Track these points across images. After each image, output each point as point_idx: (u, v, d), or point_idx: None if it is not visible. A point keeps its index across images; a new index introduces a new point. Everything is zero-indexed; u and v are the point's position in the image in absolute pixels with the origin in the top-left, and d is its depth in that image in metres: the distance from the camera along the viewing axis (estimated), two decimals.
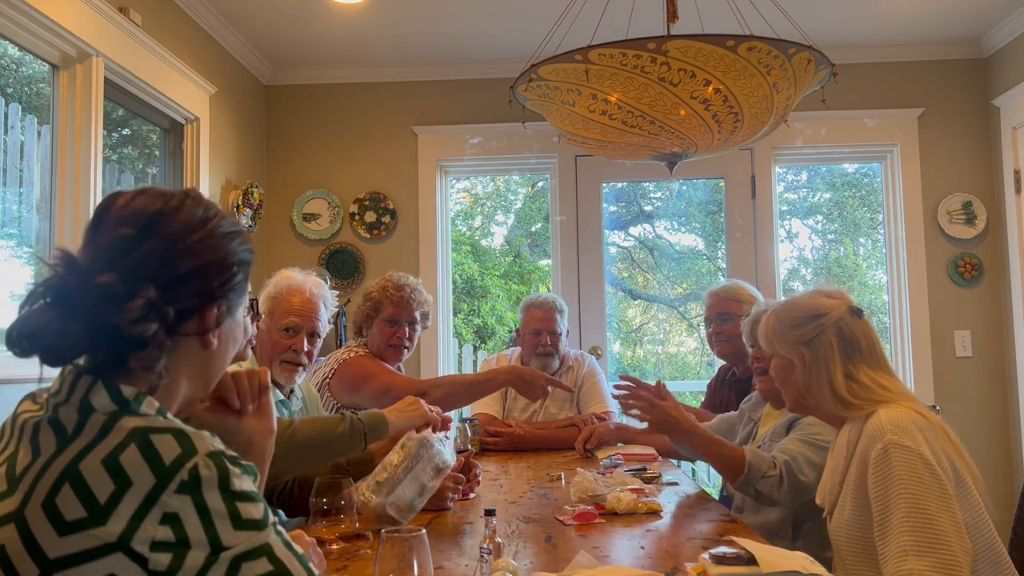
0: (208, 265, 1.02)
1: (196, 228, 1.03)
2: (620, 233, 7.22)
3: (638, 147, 2.64)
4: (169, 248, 1.00)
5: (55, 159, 2.85)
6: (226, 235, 1.06)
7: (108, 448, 0.89)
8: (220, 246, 1.04)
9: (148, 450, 0.89)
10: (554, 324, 3.37)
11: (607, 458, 2.75)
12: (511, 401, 3.40)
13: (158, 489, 0.87)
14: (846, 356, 1.72)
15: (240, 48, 4.11)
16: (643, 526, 1.92)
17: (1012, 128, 4.08)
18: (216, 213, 1.07)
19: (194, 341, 1.03)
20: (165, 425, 0.93)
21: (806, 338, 1.75)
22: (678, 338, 7.87)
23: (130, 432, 0.91)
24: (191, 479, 0.88)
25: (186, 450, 0.90)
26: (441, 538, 1.82)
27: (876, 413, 1.63)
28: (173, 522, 0.87)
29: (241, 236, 1.09)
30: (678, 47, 2.31)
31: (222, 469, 0.91)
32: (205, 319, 1.03)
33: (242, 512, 0.90)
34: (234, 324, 1.10)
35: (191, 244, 1.01)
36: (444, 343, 4.50)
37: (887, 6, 3.85)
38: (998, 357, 4.24)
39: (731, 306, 2.95)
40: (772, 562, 1.40)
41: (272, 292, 2.27)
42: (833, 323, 1.74)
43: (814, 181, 7.16)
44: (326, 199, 4.47)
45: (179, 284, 1.00)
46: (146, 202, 1.02)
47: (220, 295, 1.04)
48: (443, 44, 4.22)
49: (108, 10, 2.95)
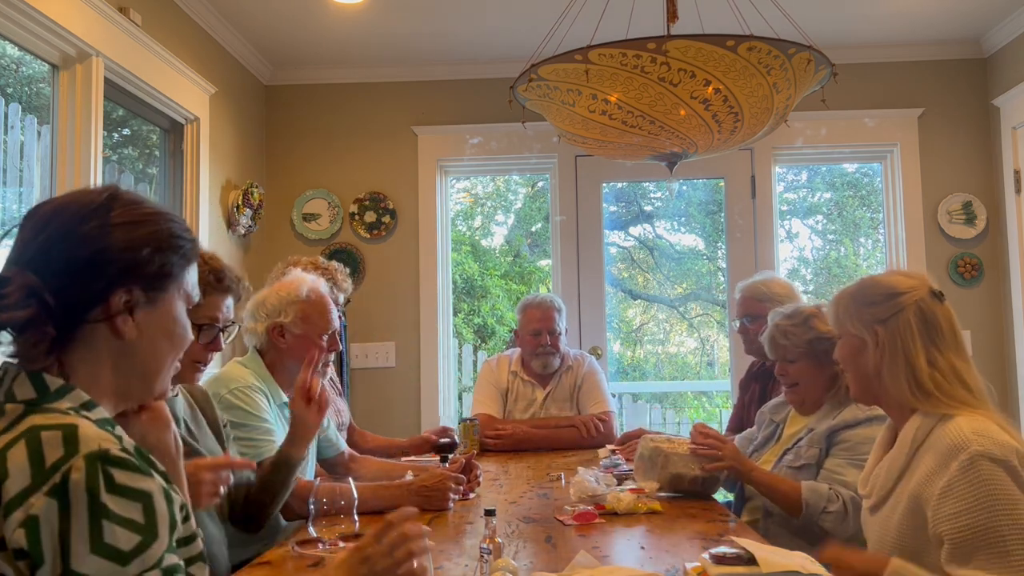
0: (104, 250, 1.01)
1: (92, 216, 1.02)
2: (620, 233, 7.23)
3: (638, 147, 2.63)
4: (61, 237, 1.01)
5: (55, 159, 2.84)
6: (134, 223, 1.04)
7: (3, 444, 0.90)
8: (121, 233, 1.03)
9: (34, 449, 0.89)
10: (553, 323, 3.37)
11: (607, 458, 2.75)
12: (511, 403, 3.40)
13: (29, 490, 0.86)
14: (928, 339, 1.59)
15: (240, 48, 4.11)
16: (643, 526, 1.92)
17: (1012, 128, 4.08)
18: (126, 203, 1.05)
19: (106, 330, 1.02)
20: (63, 421, 0.92)
21: (882, 316, 1.62)
22: (678, 338, 7.87)
23: (27, 429, 0.91)
24: (62, 482, 0.87)
25: (68, 452, 0.88)
26: (441, 538, 1.82)
27: (954, 419, 1.51)
28: (31, 528, 0.85)
29: (161, 224, 1.07)
30: (678, 47, 2.31)
31: (92, 477, 0.87)
32: (109, 305, 1.02)
33: (105, 533, 0.86)
34: (162, 316, 1.07)
35: (85, 231, 1.01)
36: (444, 343, 4.50)
37: (887, 6, 3.85)
38: (998, 357, 4.24)
39: (755, 306, 2.91)
40: (772, 562, 1.41)
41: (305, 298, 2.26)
42: (914, 303, 1.62)
43: (814, 181, 7.16)
44: (326, 199, 4.47)
45: (72, 271, 1.00)
46: (57, 201, 1.05)
47: (125, 282, 1.02)
48: (443, 44, 4.22)
49: (108, 10, 2.95)
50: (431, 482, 2.13)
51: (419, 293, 4.43)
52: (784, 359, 2.30)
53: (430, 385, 4.41)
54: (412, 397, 4.37)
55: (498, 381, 3.43)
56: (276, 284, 2.34)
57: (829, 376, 2.23)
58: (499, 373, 3.45)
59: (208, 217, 3.79)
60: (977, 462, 1.42)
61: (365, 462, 2.57)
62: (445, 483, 2.12)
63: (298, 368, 2.19)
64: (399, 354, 4.40)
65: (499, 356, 3.56)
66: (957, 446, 1.45)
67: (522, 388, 3.40)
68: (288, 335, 2.23)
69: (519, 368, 3.43)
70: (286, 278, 2.37)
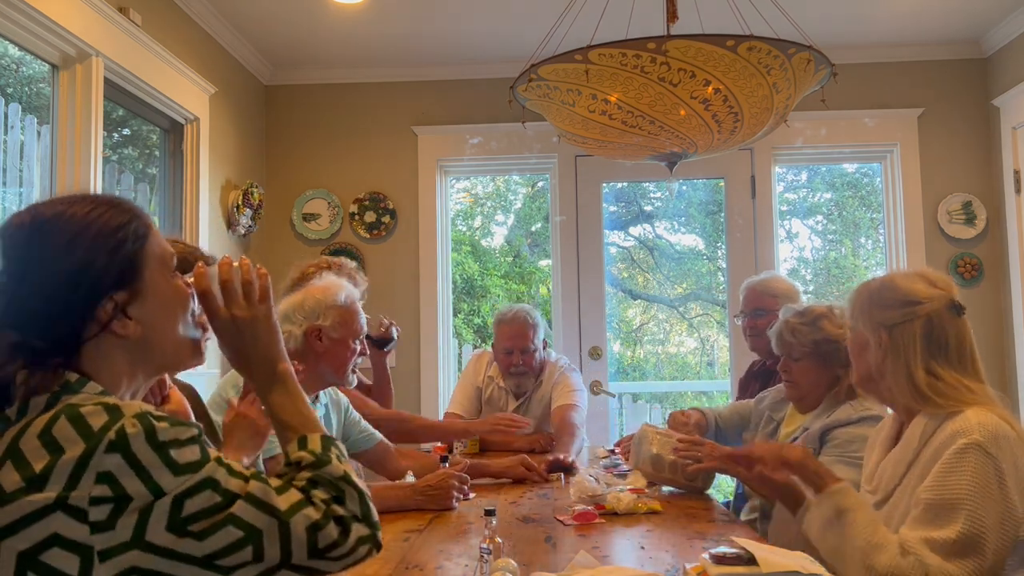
0: (65, 282, 1.01)
1: (31, 252, 1.02)
2: (620, 233, 7.22)
3: (638, 147, 2.63)
4: (18, 285, 1.02)
5: (55, 159, 2.84)
6: (72, 238, 1.02)
7: (43, 423, 0.94)
8: (68, 256, 1.01)
9: (78, 421, 0.93)
10: (526, 342, 3.18)
11: (606, 458, 2.75)
12: (485, 404, 3.31)
13: (88, 453, 0.91)
14: (929, 353, 1.61)
15: (240, 48, 4.11)
16: (643, 526, 1.92)
17: (1012, 128, 4.08)
18: (54, 228, 1.03)
19: (108, 337, 1.04)
20: (97, 400, 0.97)
21: (889, 322, 1.64)
22: (678, 338, 7.87)
23: (64, 407, 0.95)
24: (118, 438, 0.91)
25: (113, 416, 0.93)
26: (441, 538, 1.82)
27: (963, 413, 1.55)
28: (109, 480, 0.90)
29: (94, 224, 1.04)
30: (678, 47, 2.31)
31: (147, 425, 0.93)
32: (98, 319, 1.03)
33: (176, 458, 0.93)
34: (151, 297, 1.07)
35: (36, 271, 1.01)
36: (444, 343, 4.50)
37: (887, 6, 3.85)
38: (998, 357, 4.24)
39: (766, 301, 2.89)
40: (772, 562, 1.41)
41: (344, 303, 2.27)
42: (925, 315, 1.62)
43: (814, 181, 7.16)
44: (326, 199, 4.47)
45: (46, 311, 1.00)
46: None
47: (99, 293, 1.02)
48: (443, 44, 4.22)
49: (108, 10, 2.95)
50: (434, 481, 2.15)
51: (419, 293, 4.43)
52: (789, 356, 2.31)
53: (430, 385, 4.41)
54: (412, 397, 4.37)
55: (476, 380, 3.35)
56: (310, 288, 2.32)
57: (831, 377, 2.25)
58: (477, 371, 3.37)
59: (208, 217, 3.79)
60: (970, 449, 1.48)
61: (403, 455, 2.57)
62: (448, 482, 2.14)
63: (331, 373, 2.23)
64: (399, 354, 4.39)
65: (484, 351, 3.45)
66: (960, 432, 1.51)
67: (496, 393, 3.31)
68: (326, 338, 2.22)
69: (496, 373, 3.32)
70: (318, 282, 2.36)
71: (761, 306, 2.90)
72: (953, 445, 1.50)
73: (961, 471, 1.47)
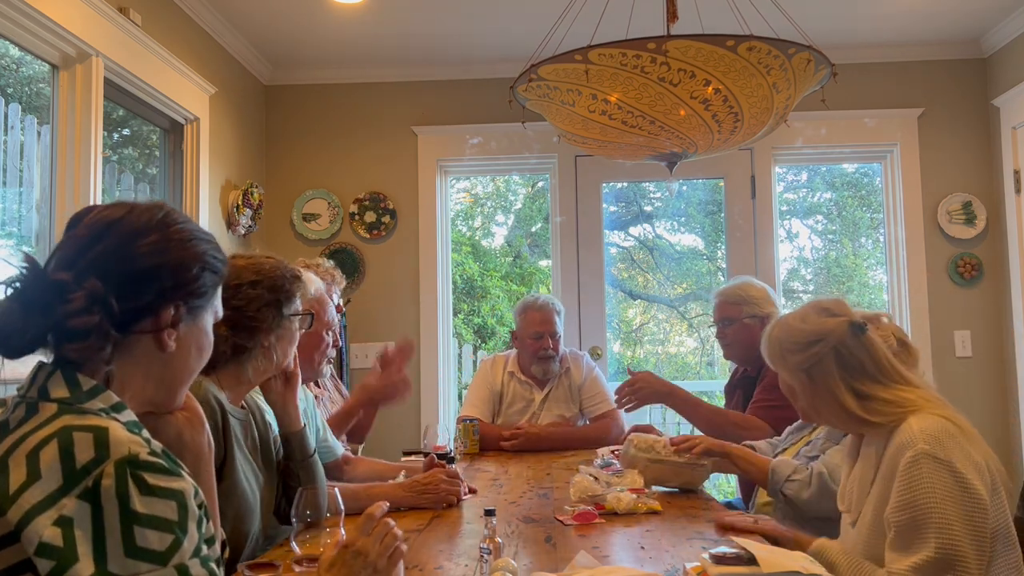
0: (161, 266, 1.07)
1: (151, 231, 1.08)
2: (620, 233, 7.22)
3: (638, 147, 2.63)
4: (121, 248, 1.05)
5: (55, 159, 2.84)
6: (188, 241, 1.11)
7: (36, 441, 0.92)
8: (177, 249, 1.09)
9: (66, 449, 0.91)
10: (554, 326, 3.33)
11: (602, 458, 2.75)
12: (506, 405, 3.36)
13: (61, 491, 0.89)
14: (851, 378, 1.67)
15: (240, 48, 4.11)
16: (643, 526, 1.92)
17: (1012, 128, 4.08)
18: (179, 221, 1.11)
19: (150, 340, 1.07)
20: (95, 423, 0.94)
21: (803, 365, 1.70)
22: (678, 338, 7.87)
23: (59, 428, 0.93)
24: (94, 487, 0.89)
25: (99, 455, 0.91)
26: (441, 538, 1.82)
27: (906, 422, 1.59)
28: (65, 526, 0.87)
29: (207, 244, 1.14)
30: (678, 47, 2.31)
31: (123, 484, 0.89)
32: (159, 318, 1.07)
33: (138, 539, 0.89)
34: (197, 331, 1.13)
35: (145, 245, 1.06)
36: (444, 343, 4.50)
37: (887, 6, 3.85)
38: (998, 357, 4.24)
39: (729, 310, 2.94)
40: (772, 562, 1.41)
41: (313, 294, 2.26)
42: (831, 348, 1.68)
43: (814, 181, 7.16)
44: (326, 199, 4.47)
45: (130, 281, 1.04)
46: (111, 211, 1.09)
47: (176, 296, 1.08)
48: (443, 44, 4.22)
49: (108, 10, 2.95)
50: (423, 479, 2.15)
51: (419, 293, 4.43)
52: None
53: (430, 385, 4.41)
54: (412, 397, 4.36)
55: (492, 382, 3.40)
56: None
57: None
58: (494, 374, 3.41)
59: (208, 217, 3.79)
60: (920, 460, 1.51)
61: (359, 463, 2.56)
62: (436, 477, 2.15)
63: (307, 360, 2.25)
64: None
65: (495, 356, 3.53)
66: (905, 444, 1.55)
67: (519, 389, 3.38)
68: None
69: (515, 368, 3.40)
70: None
71: (725, 315, 2.95)
72: (902, 458, 1.53)
73: (918, 485, 1.49)
